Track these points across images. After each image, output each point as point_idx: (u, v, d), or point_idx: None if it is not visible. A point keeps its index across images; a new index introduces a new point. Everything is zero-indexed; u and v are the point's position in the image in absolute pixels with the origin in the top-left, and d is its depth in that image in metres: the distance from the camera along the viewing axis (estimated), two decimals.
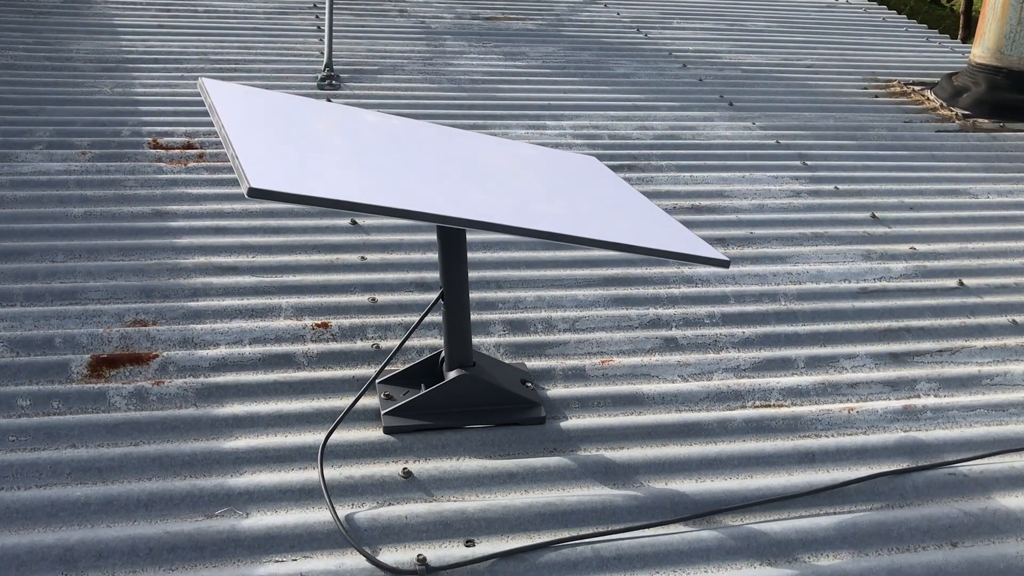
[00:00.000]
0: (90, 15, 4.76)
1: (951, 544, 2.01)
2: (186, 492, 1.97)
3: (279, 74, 4.24)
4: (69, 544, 1.83)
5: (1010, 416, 2.41)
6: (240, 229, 2.98)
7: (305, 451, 2.11)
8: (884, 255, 3.15)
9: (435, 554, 1.88)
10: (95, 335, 2.44)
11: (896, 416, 2.38)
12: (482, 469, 2.10)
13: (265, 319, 2.58)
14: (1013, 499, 2.13)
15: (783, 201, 3.47)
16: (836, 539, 1.99)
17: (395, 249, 2.97)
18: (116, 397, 2.24)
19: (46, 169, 3.22)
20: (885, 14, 6.14)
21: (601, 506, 2.02)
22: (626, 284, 2.88)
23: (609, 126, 3.98)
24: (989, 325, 2.79)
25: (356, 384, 2.33)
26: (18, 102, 3.70)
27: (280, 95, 2.39)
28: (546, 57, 4.76)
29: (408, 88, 4.22)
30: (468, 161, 2.34)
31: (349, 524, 1.93)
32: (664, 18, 5.63)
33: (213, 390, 2.29)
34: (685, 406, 2.38)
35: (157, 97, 3.85)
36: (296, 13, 5.11)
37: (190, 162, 3.37)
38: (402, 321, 2.60)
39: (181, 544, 1.85)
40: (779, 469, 2.18)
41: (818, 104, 4.44)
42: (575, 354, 2.55)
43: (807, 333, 2.69)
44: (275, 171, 1.80)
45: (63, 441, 2.10)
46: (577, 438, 2.23)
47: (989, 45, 4.45)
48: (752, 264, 3.05)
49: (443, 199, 2.00)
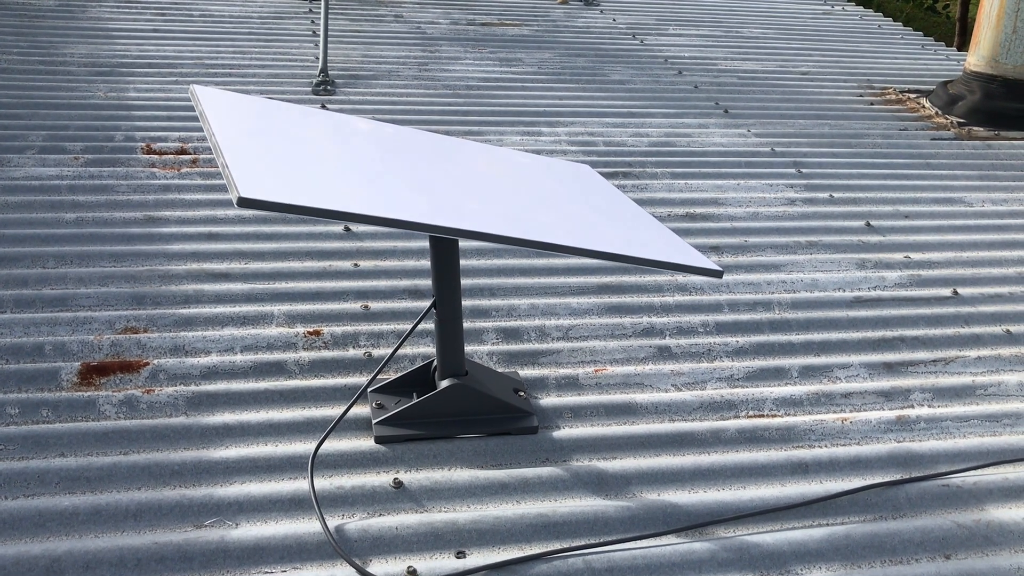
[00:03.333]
0: (84, 19, 4.74)
1: (944, 556, 2.00)
2: (175, 502, 1.96)
3: (274, 79, 4.23)
4: (56, 555, 1.81)
5: (1004, 427, 2.41)
6: (233, 235, 2.97)
7: (296, 461, 2.10)
8: (879, 264, 3.15)
9: (425, 566, 1.87)
10: (85, 342, 2.43)
11: (890, 426, 2.37)
12: (474, 479, 2.09)
13: (257, 326, 2.57)
14: (1007, 511, 2.12)
15: (778, 209, 3.46)
16: (829, 551, 1.98)
17: (388, 256, 2.96)
18: (106, 405, 2.23)
19: (38, 174, 3.21)
20: (881, 21, 6.14)
21: (593, 517, 2.01)
22: (620, 292, 2.87)
23: (604, 133, 3.98)
24: (983, 335, 2.78)
25: (348, 392, 2.31)
26: (11, 106, 3.68)
27: (272, 102, 2.38)
28: (542, 63, 4.75)
29: (403, 94, 4.21)
30: (461, 169, 2.33)
31: (339, 535, 1.92)
32: (660, 25, 5.63)
33: (204, 399, 2.27)
34: (678, 416, 2.37)
35: (151, 102, 3.84)
36: (291, 18, 5.10)
37: (183, 168, 3.35)
38: (395, 329, 2.59)
39: (170, 555, 1.84)
40: (772, 480, 2.18)
41: (813, 112, 4.43)
42: (568, 363, 2.54)
43: (801, 342, 2.69)
44: (265, 180, 1.79)
45: (52, 450, 2.09)
46: (570, 448, 2.22)
47: (984, 53, 4.45)
48: (746, 272, 3.04)
49: (435, 208, 1.99)
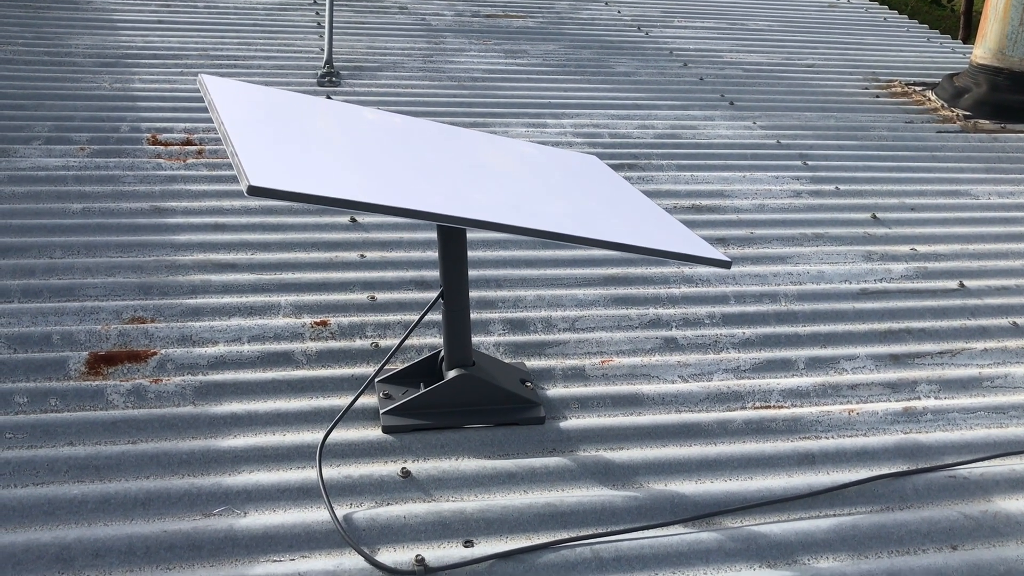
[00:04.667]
0: (89, 10, 4.74)
1: (951, 547, 2.00)
2: (184, 491, 1.97)
3: (279, 70, 4.23)
4: (66, 543, 1.82)
5: (1010, 419, 2.41)
6: (239, 226, 2.97)
7: (303, 450, 2.10)
8: (885, 256, 3.15)
9: (434, 554, 1.87)
10: (93, 332, 2.43)
11: (896, 418, 2.38)
12: (481, 469, 2.09)
13: (264, 317, 2.57)
14: (1013, 502, 2.12)
15: (784, 201, 3.46)
16: (836, 541, 1.98)
17: (395, 247, 2.96)
18: (114, 395, 2.23)
19: (44, 165, 3.21)
20: (886, 14, 6.13)
21: (600, 507, 2.02)
22: (626, 283, 2.87)
23: (609, 125, 3.97)
24: (989, 327, 2.78)
25: (355, 383, 2.32)
26: (17, 97, 3.68)
27: (280, 92, 2.38)
28: (547, 55, 4.75)
29: (408, 85, 4.21)
30: (468, 159, 2.33)
31: (347, 524, 1.92)
32: (665, 16, 5.62)
33: (211, 388, 2.28)
34: (685, 407, 2.37)
35: (156, 93, 3.84)
36: (296, 9, 5.10)
37: (189, 158, 3.36)
38: (401, 320, 2.59)
39: (178, 543, 1.85)
40: (779, 471, 2.18)
41: (819, 104, 4.43)
42: (575, 354, 2.54)
43: (807, 334, 2.69)
44: (275, 169, 1.79)
45: (60, 439, 2.09)
46: (576, 438, 2.22)
47: (990, 46, 4.44)
48: (752, 264, 3.04)
49: (443, 198, 1.99)
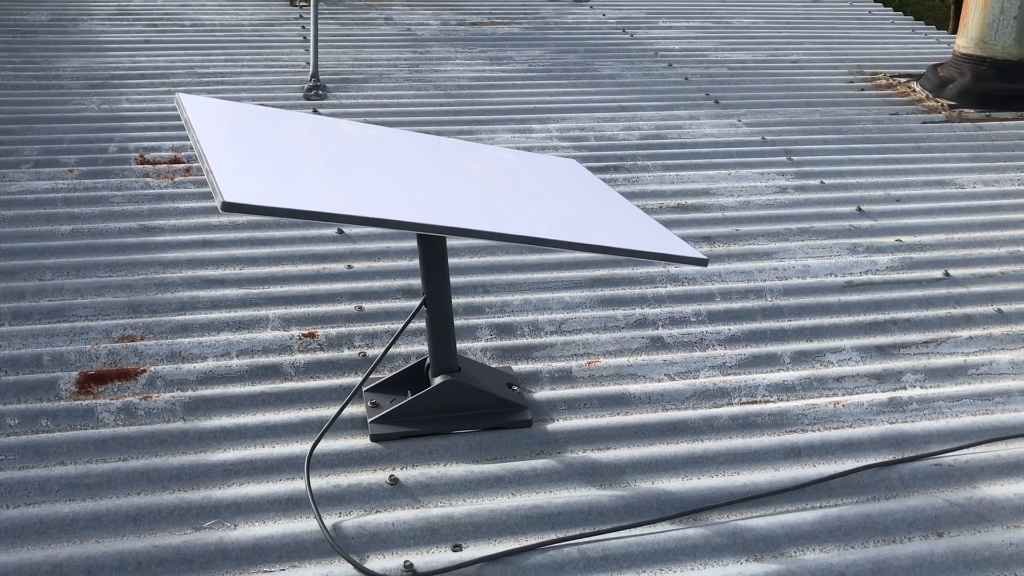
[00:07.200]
0: (77, 33, 4.77)
1: (937, 534, 2.02)
2: (174, 506, 1.99)
3: (266, 86, 4.25)
4: (58, 561, 1.84)
5: (995, 405, 2.42)
6: (227, 242, 2.99)
7: (292, 461, 2.12)
8: (870, 248, 3.16)
9: (422, 560, 1.89)
10: (83, 352, 2.45)
11: (882, 408, 2.39)
12: (469, 474, 2.11)
13: (252, 331, 2.59)
14: (999, 488, 2.14)
15: (769, 197, 3.47)
16: (822, 533, 1.99)
17: (382, 257, 2.98)
18: (104, 413, 2.25)
19: (33, 188, 3.24)
20: (871, 7, 6.15)
21: (588, 507, 2.03)
22: (612, 285, 2.89)
23: (595, 127, 3.99)
24: (975, 315, 2.80)
25: (343, 393, 2.34)
26: (5, 121, 3.71)
27: (256, 107, 2.40)
28: (532, 61, 4.77)
29: (395, 96, 4.23)
30: (446, 167, 2.35)
31: (336, 533, 1.94)
32: (650, 18, 5.64)
33: (201, 403, 2.30)
34: (671, 405, 2.39)
35: (144, 113, 3.87)
36: (282, 24, 5.13)
37: (177, 176, 3.38)
38: (389, 328, 2.61)
39: (170, 557, 1.87)
40: (765, 465, 2.19)
41: (804, 99, 4.45)
42: (562, 356, 2.56)
43: (793, 328, 2.70)
44: (249, 184, 1.81)
45: (52, 458, 2.12)
46: (564, 440, 2.24)
47: (973, 35, 4.46)
48: (738, 261, 3.06)
49: (421, 207, 2.01)
